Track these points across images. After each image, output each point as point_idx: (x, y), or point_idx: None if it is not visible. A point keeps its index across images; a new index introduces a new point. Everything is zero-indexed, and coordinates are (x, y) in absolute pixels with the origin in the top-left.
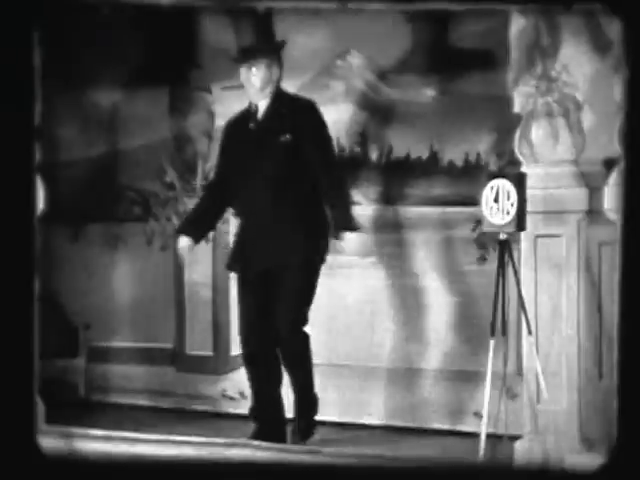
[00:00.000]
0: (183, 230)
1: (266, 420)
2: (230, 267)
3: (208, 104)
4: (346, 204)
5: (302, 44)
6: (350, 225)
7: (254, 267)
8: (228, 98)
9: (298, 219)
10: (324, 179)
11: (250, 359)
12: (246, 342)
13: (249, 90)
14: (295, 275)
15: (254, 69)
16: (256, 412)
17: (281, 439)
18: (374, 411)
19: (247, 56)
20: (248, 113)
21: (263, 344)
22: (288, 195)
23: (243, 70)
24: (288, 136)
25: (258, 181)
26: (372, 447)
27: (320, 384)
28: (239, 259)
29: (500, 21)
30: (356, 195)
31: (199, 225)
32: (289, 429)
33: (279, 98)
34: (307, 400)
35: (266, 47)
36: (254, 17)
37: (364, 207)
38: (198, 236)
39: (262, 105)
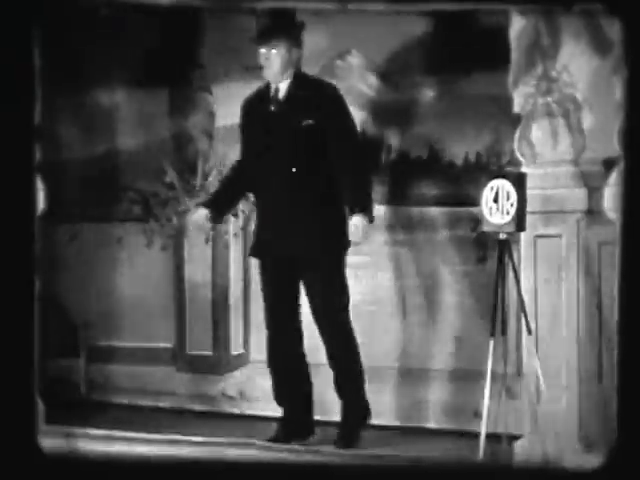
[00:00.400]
0: (208, 205)
1: (289, 410)
2: (252, 253)
3: (209, 104)
4: (365, 189)
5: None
6: (364, 207)
7: (272, 254)
8: (229, 97)
9: (317, 205)
10: (341, 162)
11: (273, 344)
12: (269, 327)
13: (268, 72)
14: (321, 273)
15: (274, 51)
16: (279, 399)
17: (303, 435)
18: (374, 411)
19: (266, 36)
20: (266, 93)
21: (287, 331)
22: (308, 181)
23: (262, 51)
24: (310, 121)
25: (277, 166)
26: (372, 447)
27: (320, 384)
28: (258, 245)
29: (500, 21)
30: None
31: (223, 202)
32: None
33: (300, 80)
34: (353, 406)
35: (286, 28)
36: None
37: None
38: (221, 212)
39: (283, 87)
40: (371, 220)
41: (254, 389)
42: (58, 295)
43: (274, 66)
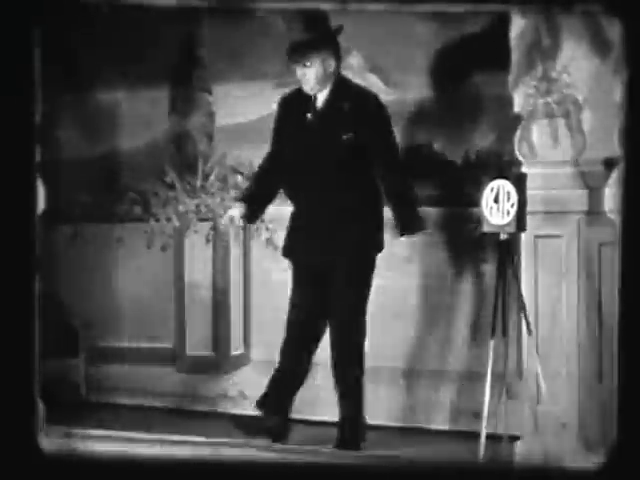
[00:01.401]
0: (245, 200)
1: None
2: (284, 254)
3: (208, 104)
4: (411, 204)
5: None
6: (415, 226)
7: (305, 258)
8: (229, 97)
9: (353, 215)
10: (387, 178)
11: (294, 328)
12: (296, 316)
13: (306, 87)
14: (349, 277)
15: (308, 67)
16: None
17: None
18: (374, 411)
19: (299, 54)
20: (305, 97)
21: (311, 325)
22: (344, 192)
23: (297, 68)
24: (350, 134)
25: (314, 175)
26: (372, 447)
27: (321, 384)
28: (292, 247)
29: (500, 22)
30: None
31: (258, 201)
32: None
33: (340, 88)
34: (351, 413)
35: (318, 41)
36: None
37: None
38: (256, 211)
39: (321, 96)
40: (423, 228)
41: (254, 389)
42: (58, 295)
43: (311, 81)
